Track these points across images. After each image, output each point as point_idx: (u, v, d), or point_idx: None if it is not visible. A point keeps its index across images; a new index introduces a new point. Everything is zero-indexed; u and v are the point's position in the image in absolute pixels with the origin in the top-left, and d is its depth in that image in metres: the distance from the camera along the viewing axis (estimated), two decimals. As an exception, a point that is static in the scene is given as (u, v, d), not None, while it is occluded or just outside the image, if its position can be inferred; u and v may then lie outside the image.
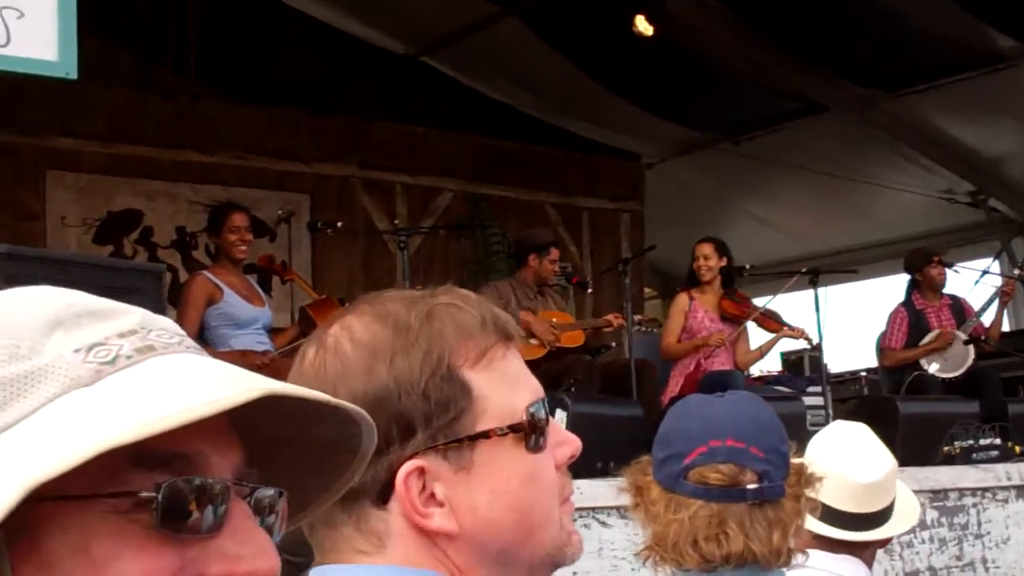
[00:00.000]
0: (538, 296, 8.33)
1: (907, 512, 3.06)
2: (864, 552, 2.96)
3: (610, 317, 8.26)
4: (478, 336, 1.27)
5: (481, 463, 1.24)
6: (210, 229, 7.21)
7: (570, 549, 1.30)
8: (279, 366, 6.54)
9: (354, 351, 1.27)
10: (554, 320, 8.09)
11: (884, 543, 3.05)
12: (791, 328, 8.66)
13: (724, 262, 8.72)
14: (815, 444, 3.04)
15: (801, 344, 9.21)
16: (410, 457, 1.23)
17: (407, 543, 1.25)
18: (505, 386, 1.27)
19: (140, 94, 10.95)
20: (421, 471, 1.23)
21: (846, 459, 2.94)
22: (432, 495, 1.24)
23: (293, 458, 0.97)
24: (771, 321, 8.67)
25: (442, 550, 1.25)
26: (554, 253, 8.46)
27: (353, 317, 1.31)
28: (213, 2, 10.73)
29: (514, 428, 1.25)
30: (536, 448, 1.26)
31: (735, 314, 8.65)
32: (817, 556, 2.67)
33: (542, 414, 1.28)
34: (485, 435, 1.24)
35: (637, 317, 8.34)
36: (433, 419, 1.23)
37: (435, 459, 1.24)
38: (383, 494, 1.25)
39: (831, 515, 2.87)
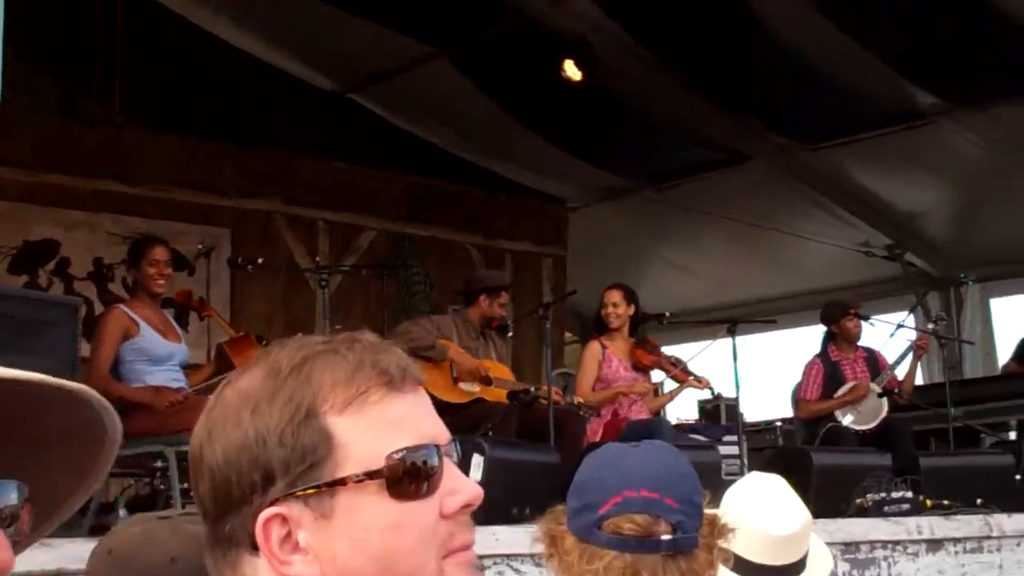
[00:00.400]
0: (480, 338, 8.30)
1: (820, 565, 3.06)
2: None
3: (543, 388, 8.13)
4: (349, 381, 1.25)
5: (342, 511, 1.23)
6: (129, 261, 7.10)
7: None
8: (192, 404, 6.45)
9: (232, 399, 1.28)
10: (490, 373, 8.02)
11: None
12: (696, 378, 8.71)
13: (632, 309, 8.73)
14: (731, 495, 3.04)
15: (718, 392, 9.27)
16: (270, 504, 1.23)
17: None
18: (374, 432, 1.24)
19: (64, 122, 10.83)
20: (283, 519, 1.23)
21: (761, 511, 2.95)
22: (296, 543, 1.23)
23: (42, 454, 0.98)
24: (679, 371, 8.72)
25: None
26: (504, 297, 8.46)
27: (252, 363, 1.31)
28: (140, 32, 10.66)
29: (372, 475, 1.22)
30: (407, 496, 1.24)
31: (647, 364, 8.68)
32: (729, 607, 2.67)
33: (424, 461, 1.25)
34: (342, 482, 1.23)
35: (577, 399, 8.28)
36: (291, 466, 1.22)
37: (297, 506, 1.23)
38: (252, 542, 1.24)
39: (744, 567, 2.86)
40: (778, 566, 2.93)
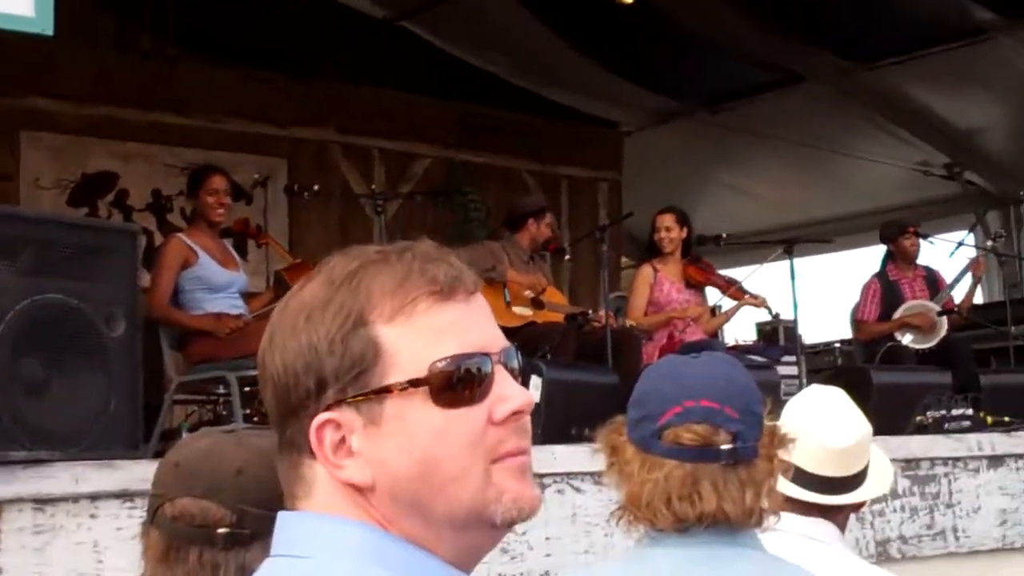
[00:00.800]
0: (530, 262, 8.33)
1: (880, 478, 3.06)
2: (837, 516, 2.96)
3: (600, 313, 8.12)
4: (398, 290, 1.27)
5: (390, 417, 1.25)
6: (188, 191, 7.14)
7: (499, 507, 1.27)
8: (252, 330, 6.51)
9: (293, 307, 1.31)
10: (542, 291, 8.04)
11: (857, 508, 3.06)
12: (753, 296, 8.67)
13: (685, 233, 8.67)
14: (791, 407, 3.05)
15: (776, 312, 9.22)
16: (324, 410, 1.26)
17: (329, 492, 1.28)
18: (421, 340, 1.26)
19: (117, 55, 10.88)
20: (336, 424, 1.26)
21: (820, 423, 2.95)
22: (349, 448, 1.26)
23: None
24: (734, 289, 8.67)
25: (365, 499, 1.27)
26: (549, 218, 8.48)
27: (314, 272, 1.34)
28: (192, -37, 10.66)
29: (416, 383, 1.25)
30: (453, 403, 1.25)
31: (700, 280, 8.64)
32: (789, 518, 2.67)
33: (469, 368, 1.26)
34: (388, 390, 1.25)
35: (630, 322, 8.27)
36: (341, 373, 1.25)
37: (349, 412, 1.26)
38: (310, 446, 1.28)
39: (804, 478, 2.87)
40: (838, 477, 2.93)
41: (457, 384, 1.26)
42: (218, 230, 7.11)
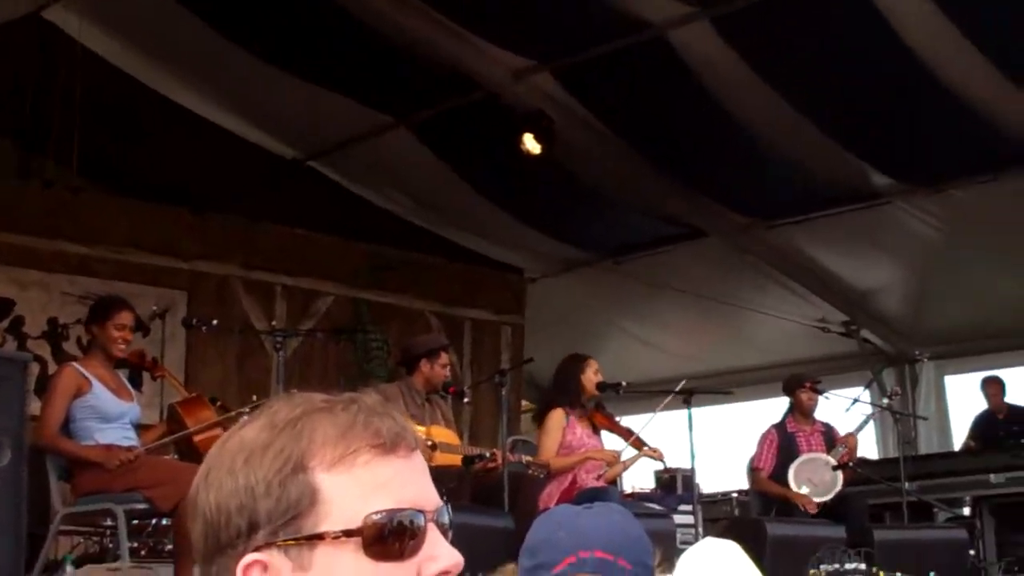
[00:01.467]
0: (426, 404, 8.27)
1: None
2: None
3: (496, 451, 8.09)
4: (340, 440, 1.28)
5: (320, 564, 1.25)
6: (92, 320, 6.97)
7: None
8: (142, 463, 6.40)
9: (231, 446, 1.32)
10: (434, 439, 7.98)
11: None
12: (651, 448, 8.70)
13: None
14: (684, 560, 3.04)
15: (668, 466, 9.23)
16: (252, 551, 1.26)
17: None
18: (360, 491, 1.27)
19: (20, 183, 10.81)
20: (263, 566, 1.26)
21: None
22: None
23: None
24: (635, 441, 8.70)
25: None
26: (444, 358, 8.42)
27: (257, 414, 1.35)
28: (101, 95, 10.63)
29: (350, 533, 1.25)
30: (384, 556, 1.26)
31: (605, 426, 8.68)
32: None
33: (402, 523, 1.27)
34: (320, 536, 1.25)
35: (526, 459, 8.29)
36: (275, 516, 1.26)
37: (278, 556, 1.26)
38: None
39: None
40: None
41: (389, 537, 1.26)
42: (113, 361, 7.01)
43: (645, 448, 8.67)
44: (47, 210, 10.68)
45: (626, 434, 8.69)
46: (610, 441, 8.86)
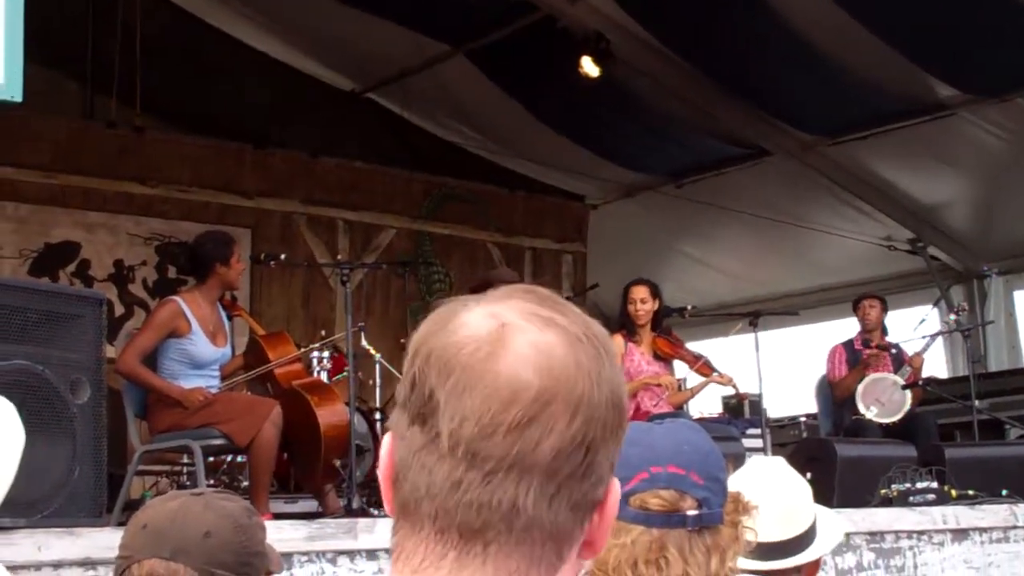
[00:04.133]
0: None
1: (827, 536, 3.10)
2: None
3: None
4: None
5: None
6: (215, 258, 6.73)
7: None
8: (220, 397, 6.45)
9: None
10: None
11: (812, 570, 3.08)
12: (720, 374, 8.62)
13: (657, 304, 8.64)
14: (734, 478, 3.06)
15: (743, 392, 9.17)
16: None
17: None
18: None
19: (83, 124, 10.90)
20: None
21: (759, 489, 2.96)
22: None
23: None
24: (703, 367, 8.64)
25: None
26: None
27: None
28: (161, 34, 10.70)
29: None
30: None
31: (668, 352, 8.60)
32: (751, 581, 2.69)
33: None
34: None
35: None
36: None
37: None
38: None
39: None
40: (783, 541, 2.98)
41: None
42: (218, 298, 6.93)
43: (714, 374, 8.60)
44: (111, 150, 10.76)
45: (692, 360, 8.63)
46: (680, 368, 8.82)
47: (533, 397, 1.12)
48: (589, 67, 10.52)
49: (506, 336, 1.14)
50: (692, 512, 2.19)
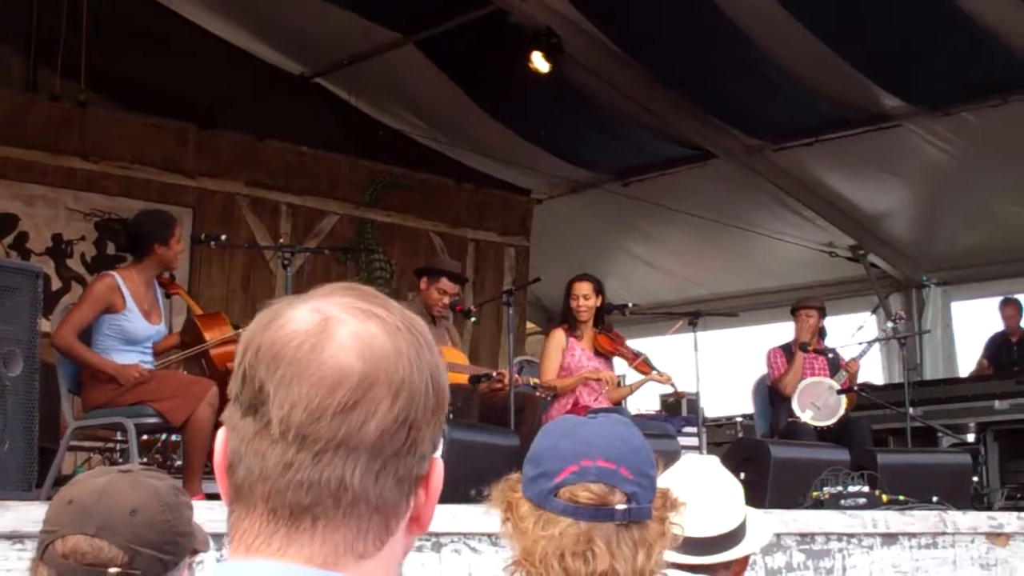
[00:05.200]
0: (432, 325, 8.22)
1: (756, 535, 3.13)
2: (717, 575, 3.03)
3: (503, 372, 8.03)
4: None
5: None
6: (156, 239, 6.63)
7: None
8: (154, 376, 6.39)
9: None
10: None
11: (739, 568, 3.11)
12: (659, 373, 8.64)
13: (600, 301, 8.65)
14: (666, 476, 3.08)
15: (680, 391, 9.19)
16: None
17: None
18: None
19: (26, 97, 10.77)
20: None
21: (690, 485, 2.98)
22: None
23: None
24: (642, 364, 8.66)
25: None
26: (444, 283, 8.31)
27: None
28: (108, 8, 10.57)
29: None
30: None
31: (608, 349, 8.61)
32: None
33: None
34: None
35: (533, 381, 8.25)
36: None
37: None
38: None
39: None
40: (712, 537, 3.01)
41: None
42: (154, 277, 6.86)
43: (653, 372, 8.63)
44: (53, 124, 10.66)
45: (632, 357, 8.65)
46: (620, 365, 8.84)
47: (356, 382, 1.19)
48: (539, 62, 10.52)
49: (329, 328, 1.21)
50: (621, 506, 2.20)
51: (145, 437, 7.27)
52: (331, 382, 1.19)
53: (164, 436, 7.84)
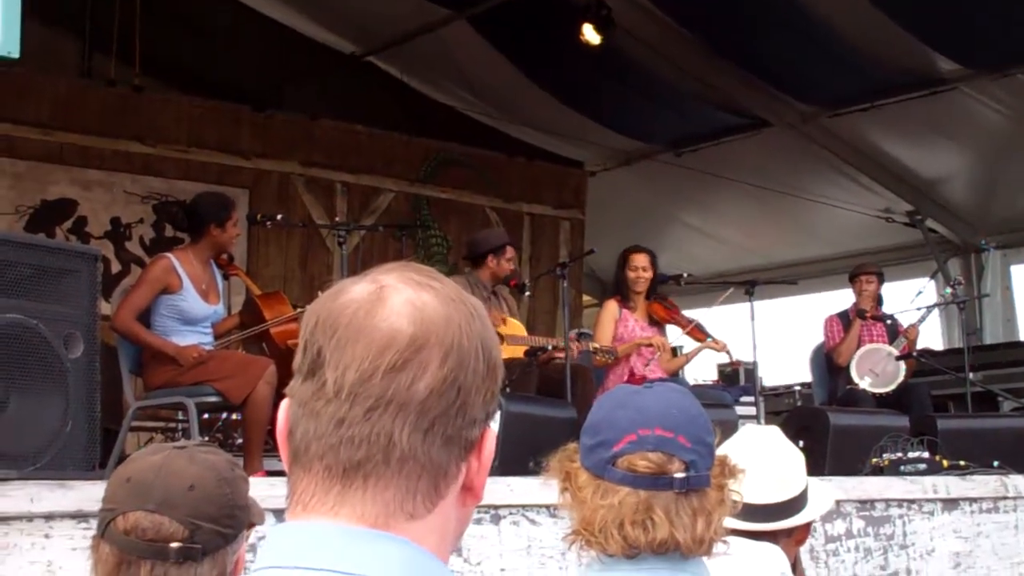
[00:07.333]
0: (492, 297, 8.30)
1: (818, 502, 3.15)
2: (780, 541, 3.04)
3: (558, 341, 8.08)
4: None
5: None
6: (212, 220, 6.71)
7: None
8: (214, 355, 6.46)
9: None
10: (503, 331, 8.01)
11: (801, 534, 3.13)
12: (714, 340, 8.65)
13: (653, 273, 8.68)
14: (728, 445, 3.10)
15: (736, 359, 9.19)
16: None
17: None
18: None
19: (82, 82, 10.89)
20: None
21: (751, 453, 2.99)
22: None
23: None
24: (696, 331, 8.67)
25: None
26: (509, 252, 8.41)
27: None
28: (160, -8, 10.67)
29: None
30: None
31: (663, 317, 8.63)
32: (737, 543, 2.71)
33: None
34: None
35: (593, 345, 8.28)
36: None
37: None
38: None
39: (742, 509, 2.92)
40: (774, 504, 3.02)
41: None
42: (211, 258, 6.93)
43: (708, 340, 8.64)
44: (109, 109, 10.75)
45: (686, 324, 8.66)
46: (674, 334, 8.85)
47: (407, 343, 1.24)
48: (590, 35, 10.50)
49: (384, 295, 1.27)
50: (679, 475, 2.21)
51: (206, 416, 7.34)
52: (382, 343, 1.24)
53: (225, 415, 7.90)
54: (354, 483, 1.24)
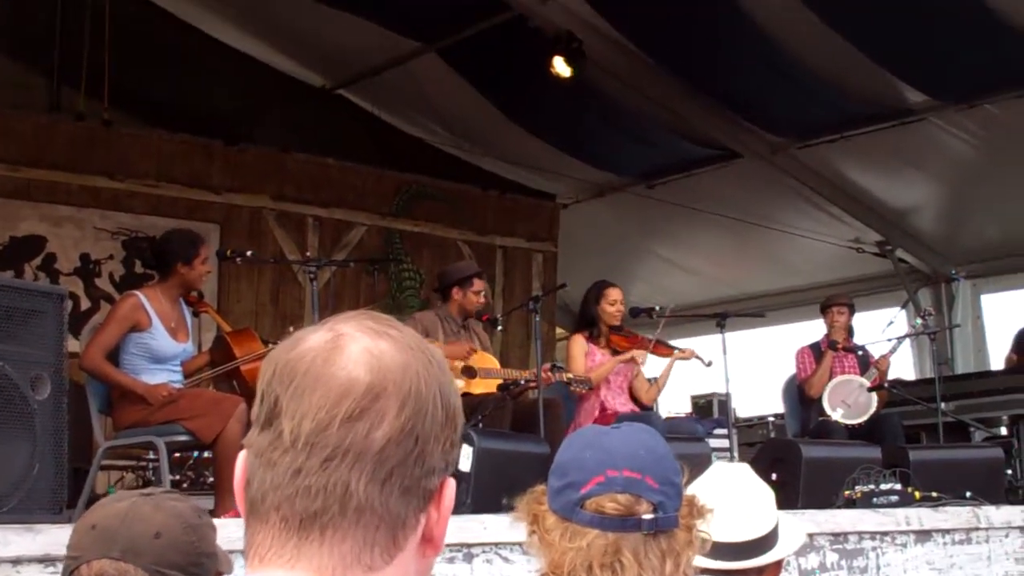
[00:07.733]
0: (462, 330, 8.27)
1: (789, 540, 3.13)
2: None
3: (531, 372, 8.06)
4: None
5: None
6: (179, 258, 6.66)
7: None
8: (184, 394, 6.42)
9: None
10: (475, 365, 7.98)
11: (770, 571, 3.11)
12: (680, 350, 8.66)
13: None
14: (696, 484, 3.08)
15: (709, 360, 9.09)
16: None
17: None
18: None
19: (50, 117, 10.83)
20: None
21: (721, 492, 2.98)
22: None
23: None
24: (662, 347, 8.67)
25: None
26: (477, 284, 8.37)
27: None
28: (130, 26, 10.63)
29: None
30: None
31: (626, 346, 8.64)
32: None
33: None
34: None
35: (567, 375, 8.26)
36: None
37: None
38: None
39: (713, 548, 2.91)
40: (744, 542, 3.01)
41: None
42: (180, 296, 6.88)
43: (676, 352, 8.65)
44: (78, 144, 10.70)
45: (648, 345, 8.65)
46: (648, 369, 8.85)
47: (364, 391, 1.23)
48: (561, 67, 10.51)
49: (341, 344, 1.26)
50: (648, 516, 2.19)
51: (177, 455, 7.29)
52: (339, 392, 1.23)
53: (196, 453, 7.85)
54: (311, 535, 1.22)
